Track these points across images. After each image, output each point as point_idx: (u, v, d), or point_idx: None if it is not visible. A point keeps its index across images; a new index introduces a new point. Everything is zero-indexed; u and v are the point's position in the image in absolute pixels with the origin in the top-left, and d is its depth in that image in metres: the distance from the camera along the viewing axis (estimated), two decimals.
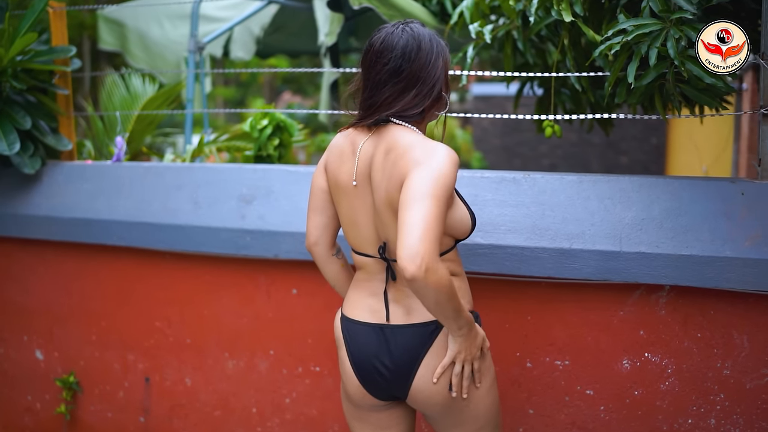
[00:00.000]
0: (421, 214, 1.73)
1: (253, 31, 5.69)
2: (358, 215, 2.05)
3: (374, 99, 1.99)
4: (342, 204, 2.08)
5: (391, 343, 2.02)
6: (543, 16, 2.89)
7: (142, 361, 3.20)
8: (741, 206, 2.33)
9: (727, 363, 2.40)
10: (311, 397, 2.91)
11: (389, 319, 2.03)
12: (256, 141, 3.42)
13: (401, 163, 1.87)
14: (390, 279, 2.05)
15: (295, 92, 18.88)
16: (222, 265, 3.00)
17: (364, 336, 2.06)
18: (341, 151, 2.08)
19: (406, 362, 2.01)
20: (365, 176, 2.01)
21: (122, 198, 3.16)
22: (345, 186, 2.05)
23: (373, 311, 2.07)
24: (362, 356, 2.06)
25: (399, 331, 2.02)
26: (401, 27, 2.00)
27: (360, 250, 2.09)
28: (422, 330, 2.00)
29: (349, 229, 2.09)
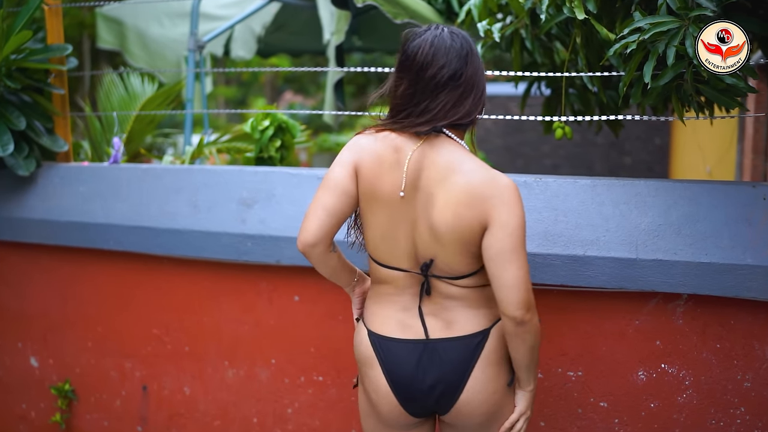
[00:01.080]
0: (524, 267, 1.86)
1: (255, 29, 5.62)
2: (398, 228, 1.95)
3: (429, 105, 1.91)
4: (378, 215, 1.96)
5: (436, 358, 1.96)
6: (554, 14, 2.80)
7: (140, 369, 3.11)
8: (763, 211, 2.25)
9: (748, 375, 2.32)
10: (314, 408, 2.83)
11: (429, 334, 1.97)
12: (258, 142, 3.33)
13: (484, 198, 1.87)
14: (424, 294, 1.98)
15: (297, 92, 18.83)
16: (222, 271, 2.92)
17: (404, 353, 1.98)
18: (379, 157, 1.94)
19: (454, 376, 1.96)
20: (413, 188, 1.92)
21: (119, 201, 3.08)
22: (387, 197, 1.93)
23: (406, 327, 1.99)
24: (403, 374, 1.98)
25: (444, 345, 1.96)
26: (444, 29, 1.94)
27: (390, 263, 1.99)
28: (469, 342, 1.96)
29: (381, 241, 1.98)
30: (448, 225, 1.89)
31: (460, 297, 1.98)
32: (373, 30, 5.51)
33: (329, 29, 4.63)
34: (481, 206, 1.86)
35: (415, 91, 1.92)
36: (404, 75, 1.94)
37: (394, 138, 1.95)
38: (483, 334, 1.97)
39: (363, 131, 2.02)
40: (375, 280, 2.07)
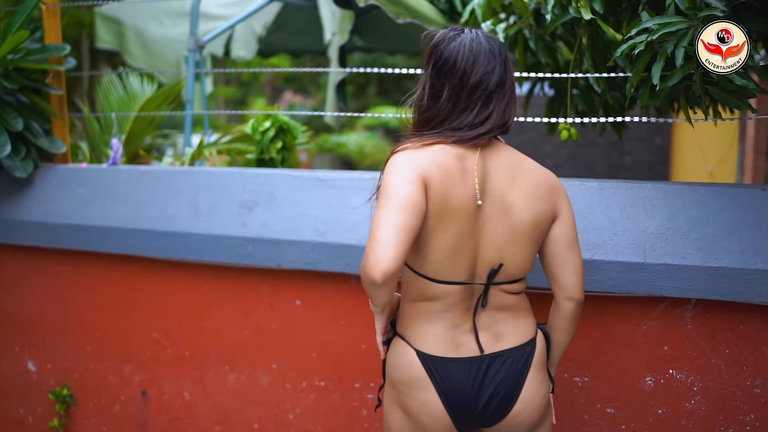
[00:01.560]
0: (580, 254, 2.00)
1: (256, 29, 5.58)
2: (468, 239, 1.87)
3: (482, 114, 1.87)
4: (449, 230, 1.84)
5: (492, 373, 1.93)
6: (559, 14, 2.76)
7: (139, 374, 3.07)
8: None
9: (758, 381, 2.28)
10: (316, 414, 2.79)
11: (483, 349, 1.94)
12: (259, 143, 3.29)
13: (550, 191, 1.94)
14: (480, 306, 1.95)
15: (297, 92, 18.78)
16: (222, 275, 2.88)
17: (461, 372, 1.92)
18: (447, 169, 1.83)
19: (510, 388, 1.94)
20: (483, 195, 1.87)
21: (118, 203, 3.04)
22: (459, 209, 1.84)
23: (458, 345, 1.94)
24: (461, 393, 1.92)
25: (499, 359, 1.94)
26: (477, 33, 1.90)
27: (448, 278, 1.89)
28: (521, 353, 1.96)
29: (447, 257, 1.87)
30: (529, 221, 1.89)
31: (509, 306, 1.97)
32: (374, 30, 5.47)
33: (330, 29, 4.59)
34: (551, 199, 1.93)
35: (459, 97, 1.86)
36: (444, 80, 1.88)
37: (451, 148, 1.86)
38: (531, 344, 1.98)
39: (404, 145, 1.88)
40: (419, 298, 1.94)
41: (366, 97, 16.83)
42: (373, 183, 2.65)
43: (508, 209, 1.88)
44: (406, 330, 1.98)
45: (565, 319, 2.02)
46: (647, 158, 12.92)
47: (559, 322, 2.03)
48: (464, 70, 1.86)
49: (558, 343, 2.07)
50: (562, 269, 1.97)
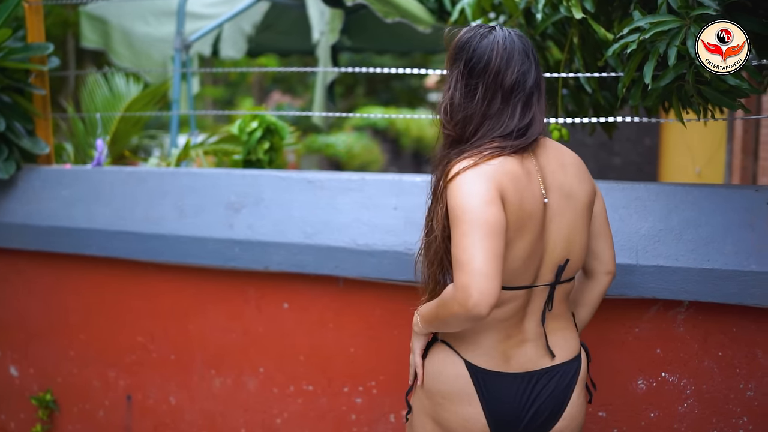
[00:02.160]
0: None
1: (245, 29, 5.54)
2: (539, 240, 1.81)
3: (526, 118, 1.81)
4: (525, 235, 1.77)
5: (537, 389, 1.86)
6: (550, 13, 2.74)
7: (124, 378, 3.03)
8: (766, 216, 2.20)
9: (751, 384, 2.26)
10: (304, 418, 2.75)
11: (536, 364, 1.87)
12: (245, 144, 3.25)
13: (586, 170, 1.95)
14: (548, 310, 1.89)
15: (285, 92, 18.72)
16: (209, 278, 2.84)
17: (510, 389, 1.84)
18: (517, 178, 1.76)
19: (556, 405, 1.88)
20: (548, 192, 1.83)
21: (102, 205, 3.00)
22: (533, 212, 1.78)
23: (508, 358, 1.85)
24: (506, 411, 1.84)
25: (547, 375, 1.88)
26: (508, 30, 1.85)
27: (516, 283, 1.81)
28: (569, 368, 1.91)
29: (522, 262, 1.79)
30: (585, 203, 1.89)
31: (560, 315, 1.91)
32: (362, 30, 5.44)
33: (318, 28, 4.56)
34: (588, 178, 1.93)
35: (495, 98, 1.80)
36: (478, 80, 1.81)
37: (511, 156, 1.79)
38: (578, 360, 1.94)
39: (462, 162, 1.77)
40: None
41: (354, 97, 16.80)
42: (361, 184, 2.62)
43: (567, 197, 1.85)
44: (454, 337, 1.87)
45: (599, 294, 2.03)
46: (636, 159, 12.94)
47: (591, 298, 2.04)
48: (498, 69, 1.79)
49: (581, 321, 2.06)
50: (602, 243, 1.98)
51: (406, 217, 2.53)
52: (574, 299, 2.05)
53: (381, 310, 2.62)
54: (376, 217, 2.57)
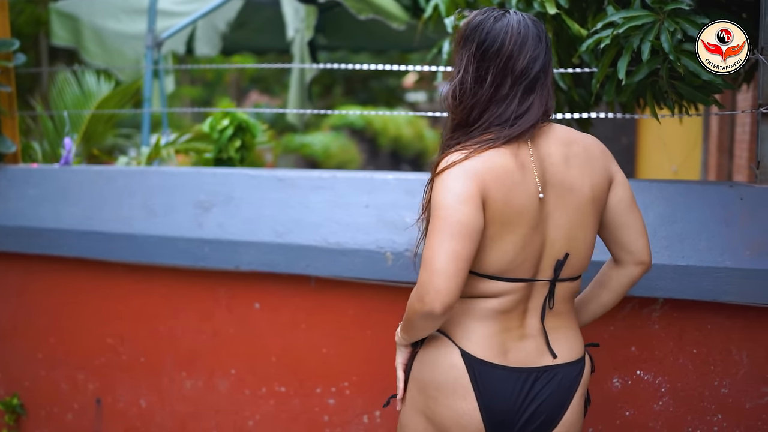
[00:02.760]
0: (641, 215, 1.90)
1: (218, 26, 5.49)
2: (535, 234, 1.74)
3: (525, 104, 1.74)
4: (516, 229, 1.72)
5: (536, 389, 1.78)
6: (524, 9, 2.71)
7: (93, 381, 2.98)
8: (740, 212, 2.20)
9: (725, 381, 2.25)
10: (276, 420, 2.71)
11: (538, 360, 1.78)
12: (216, 142, 3.21)
13: (601, 158, 1.84)
14: (548, 307, 1.80)
15: (263, 92, 18.66)
16: (179, 278, 2.80)
17: (506, 384, 1.76)
18: (509, 174, 1.71)
19: (556, 408, 1.79)
20: (544, 185, 1.74)
21: (70, 205, 2.96)
22: (525, 206, 1.72)
23: (505, 350, 1.77)
24: (502, 408, 1.76)
25: (547, 374, 1.79)
26: (523, 15, 1.77)
27: (514, 275, 1.75)
28: (573, 369, 1.82)
29: (514, 256, 1.74)
30: (589, 198, 1.78)
31: (565, 313, 1.83)
32: (337, 28, 5.42)
33: (293, 26, 4.54)
34: (603, 165, 1.82)
35: (503, 83, 1.73)
36: (489, 63, 1.74)
37: (504, 148, 1.74)
38: (582, 362, 1.84)
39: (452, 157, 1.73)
40: (474, 294, 1.78)
41: (332, 97, 16.75)
42: (332, 182, 2.60)
43: (568, 192, 1.76)
44: (450, 327, 1.80)
45: (626, 284, 1.90)
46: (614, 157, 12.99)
47: (617, 285, 1.91)
48: (510, 54, 1.72)
49: (602, 305, 1.96)
50: (628, 232, 1.84)
51: (378, 216, 2.50)
52: (600, 280, 1.95)
53: (353, 310, 2.58)
54: (347, 215, 2.54)
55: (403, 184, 2.53)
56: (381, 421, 2.57)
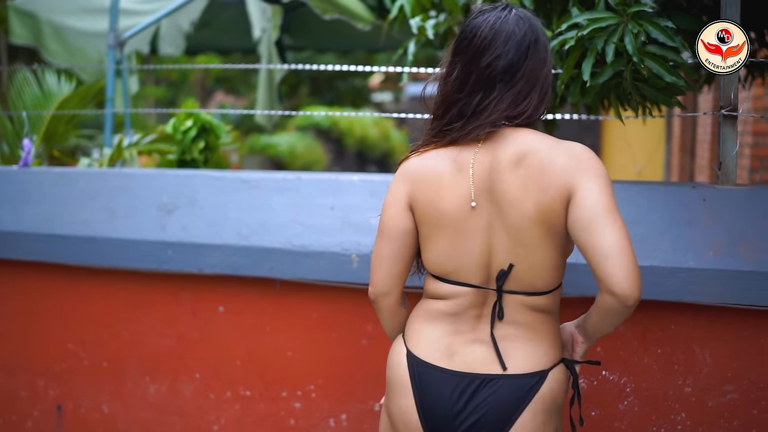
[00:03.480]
0: (624, 230, 1.62)
1: (182, 26, 5.44)
2: (470, 241, 1.72)
3: (483, 102, 1.69)
4: (445, 234, 1.73)
5: (479, 397, 1.72)
6: None
7: (54, 388, 2.93)
8: (703, 213, 2.22)
9: (689, 380, 2.27)
10: (241, 424, 2.69)
11: (482, 367, 1.73)
12: (180, 144, 3.17)
13: (561, 174, 1.65)
14: (497, 317, 1.74)
15: (228, 92, 18.55)
16: (141, 281, 2.77)
17: (444, 386, 1.74)
18: (438, 176, 1.72)
19: (499, 420, 1.71)
20: (486, 193, 1.70)
21: (30, 207, 2.91)
22: (453, 212, 1.71)
23: (451, 353, 1.76)
24: (438, 411, 1.74)
25: (493, 383, 1.73)
26: (513, 11, 1.72)
27: (456, 278, 1.75)
28: (522, 383, 1.72)
29: (446, 258, 1.74)
30: (532, 217, 1.67)
31: (525, 325, 1.75)
32: (303, 28, 5.41)
33: (259, 25, 4.52)
34: (560, 183, 1.64)
35: (468, 78, 1.70)
36: (459, 58, 1.72)
37: (445, 150, 1.74)
38: (540, 376, 1.73)
39: (409, 154, 1.80)
40: (429, 295, 1.82)
41: (298, 97, 16.69)
42: (297, 183, 2.59)
43: (509, 205, 1.68)
44: (407, 327, 1.86)
45: (607, 312, 1.66)
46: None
47: (598, 310, 1.69)
48: (477, 49, 1.69)
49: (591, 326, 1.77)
50: (590, 255, 1.60)
51: (343, 217, 2.49)
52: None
53: (318, 313, 2.58)
54: (312, 217, 2.53)
55: (369, 186, 2.52)
56: (348, 425, 2.56)
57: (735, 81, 2.27)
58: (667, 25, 2.20)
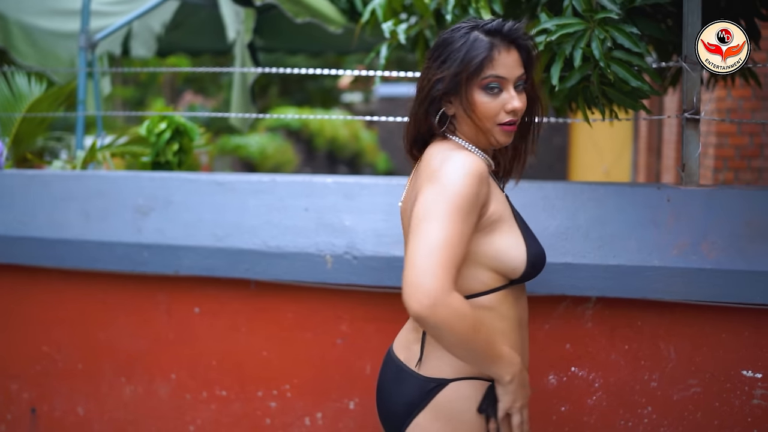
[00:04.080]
0: (427, 238, 1.54)
1: (154, 28, 5.43)
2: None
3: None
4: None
5: (394, 387, 1.82)
6: (460, 15, 2.78)
7: (28, 390, 2.93)
8: (668, 213, 2.28)
9: (655, 375, 2.34)
10: (218, 424, 2.71)
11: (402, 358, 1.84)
12: (154, 146, 3.19)
13: (422, 179, 1.71)
14: None
15: (197, 92, 18.46)
16: (117, 283, 2.78)
17: (385, 368, 1.89)
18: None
19: (397, 414, 1.78)
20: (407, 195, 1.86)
21: (2, 210, 2.90)
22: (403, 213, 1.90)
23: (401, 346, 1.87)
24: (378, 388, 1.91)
25: (405, 376, 1.80)
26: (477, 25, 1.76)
27: None
28: (423, 384, 1.76)
29: None
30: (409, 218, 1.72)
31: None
32: (274, 30, 5.42)
33: (233, 27, 4.53)
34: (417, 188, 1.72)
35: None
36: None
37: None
38: (440, 383, 1.75)
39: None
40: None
41: (268, 97, 16.67)
42: (272, 186, 2.62)
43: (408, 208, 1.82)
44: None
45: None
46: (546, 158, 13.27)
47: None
48: None
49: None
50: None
51: (317, 219, 2.52)
52: None
53: (293, 313, 2.61)
54: (286, 218, 2.56)
55: (342, 188, 2.56)
56: (323, 423, 2.60)
57: (698, 85, 2.34)
58: (632, 31, 2.26)
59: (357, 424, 2.56)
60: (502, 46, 1.73)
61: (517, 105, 1.73)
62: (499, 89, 1.73)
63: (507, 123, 1.75)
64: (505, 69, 1.72)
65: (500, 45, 1.73)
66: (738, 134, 6.88)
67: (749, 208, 2.25)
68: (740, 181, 6.84)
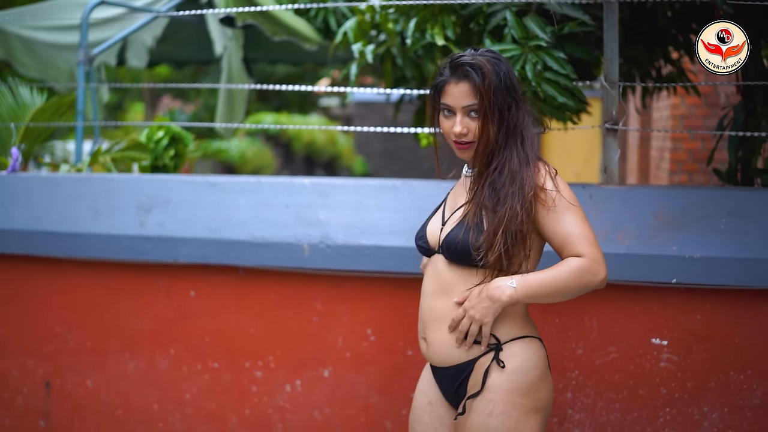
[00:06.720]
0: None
1: (146, 41, 5.60)
2: None
3: None
4: None
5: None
6: (419, 39, 3.18)
7: (42, 366, 3.26)
8: (590, 208, 2.65)
9: (580, 344, 2.71)
10: (211, 392, 3.07)
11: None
12: (153, 151, 3.57)
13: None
14: None
15: (176, 96, 18.55)
16: (122, 270, 3.12)
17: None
18: None
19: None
20: None
21: (19, 208, 3.23)
22: None
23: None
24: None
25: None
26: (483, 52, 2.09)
27: None
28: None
29: None
30: None
31: None
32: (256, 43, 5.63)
33: (221, 42, 4.77)
34: None
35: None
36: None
37: None
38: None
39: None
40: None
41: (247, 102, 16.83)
42: (257, 186, 2.98)
43: None
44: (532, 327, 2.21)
45: None
46: None
47: None
48: None
49: None
50: None
51: (296, 214, 2.90)
52: None
53: (275, 295, 2.98)
54: (270, 214, 2.93)
55: (318, 188, 2.94)
56: (302, 389, 2.97)
57: (616, 99, 2.74)
58: (560, 55, 2.67)
59: (330, 389, 2.93)
60: (453, 79, 2.02)
61: (457, 130, 2.02)
62: (452, 114, 2.05)
63: (457, 142, 2.07)
64: (452, 99, 2.02)
65: (451, 78, 2.02)
66: (691, 139, 7.32)
67: (658, 204, 2.64)
68: (694, 182, 7.27)
